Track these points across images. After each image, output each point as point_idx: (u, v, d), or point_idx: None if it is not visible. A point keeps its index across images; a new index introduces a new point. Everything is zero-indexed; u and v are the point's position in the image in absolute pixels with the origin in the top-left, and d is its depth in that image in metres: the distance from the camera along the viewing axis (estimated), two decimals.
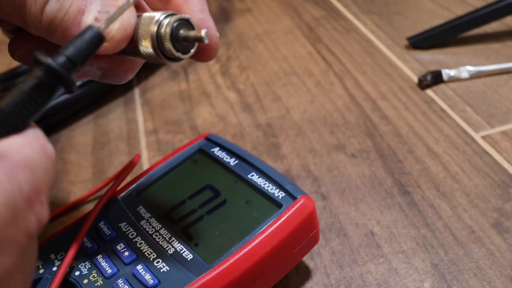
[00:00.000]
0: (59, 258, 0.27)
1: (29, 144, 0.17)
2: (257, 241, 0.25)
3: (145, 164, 0.40)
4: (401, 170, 0.36)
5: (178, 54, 0.22)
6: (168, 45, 0.22)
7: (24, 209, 0.16)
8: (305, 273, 0.30)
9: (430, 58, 0.48)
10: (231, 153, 0.31)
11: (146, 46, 0.22)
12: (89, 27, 0.19)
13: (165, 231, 0.27)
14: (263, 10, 0.61)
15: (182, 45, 0.22)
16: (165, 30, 0.21)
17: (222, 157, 0.31)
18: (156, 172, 0.31)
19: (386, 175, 0.36)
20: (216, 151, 0.31)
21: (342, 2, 0.60)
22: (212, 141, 0.32)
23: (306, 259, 0.31)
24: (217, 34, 0.25)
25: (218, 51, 0.26)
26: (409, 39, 0.50)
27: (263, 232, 0.25)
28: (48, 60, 0.18)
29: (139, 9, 0.24)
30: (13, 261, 0.15)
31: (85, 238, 0.28)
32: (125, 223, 0.28)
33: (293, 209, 0.26)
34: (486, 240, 0.31)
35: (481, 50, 0.48)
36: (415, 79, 0.46)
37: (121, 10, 0.21)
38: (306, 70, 0.49)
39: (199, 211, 0.28)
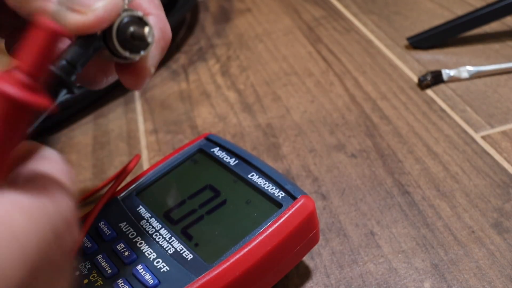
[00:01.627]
0: None
1: (57, 168, 0.17)
2: (257, 241, 0.25)
3: (145, 164, 0.40)
4: (401, 170, 0.36)
5: (126, 53, 0.21)
6: (115, 41, 0.21)
7: (64, 231, 0.16)
8: (305, 273, 0.30)
9: (430, 58, 0.48)
10: (231, 153, 0.31)
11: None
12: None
13: (165, 231, 0.27)
14: (263, 10, 0.61)
15: (132, 44, 0.21)
16: (113, 25, 0.20)
17: (222, 157, 0.31)
18: (156, 172, 0.31)
19: (386, 175, 0.36)
20: (216, 151, 0.31)
21: (342, 2, 0.60)
22: (212, 141, 0.32)
23: (306, 259, 0.31)
24: (170, 35, 0.24)
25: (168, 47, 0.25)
26: (409, 39, 0.50)
27: (263, 232, 0.25)
28: (49, 66, 0.19)
29: None
30: (50, 278, 0.16)
31: (85, 238, 0.28)
32: (125, 223, 0.28)
33: (293, 209, 0.26)
34: (486, 240, 0.31)
35: (481, 50, 0.48)
36: (415, 79, 0.46)
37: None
38: (306, 70, 0.49)
39: (199, 211, 0.28)
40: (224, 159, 0.31)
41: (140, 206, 0.29)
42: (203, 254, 0.26)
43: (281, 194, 0.27)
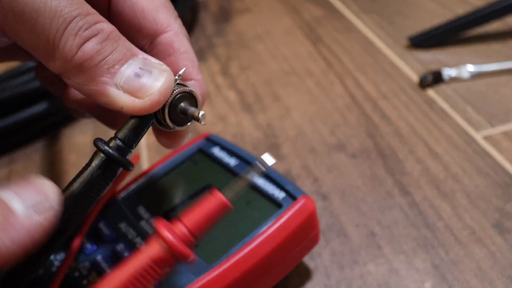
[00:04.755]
0: (58, 259, 0.27)
1: None
2: (257, 241, 0.25)
3: (145, 164, 0.40)
4: (401, 170, 0.36)
5: (173, 126, 0.22)
6: (166, 116, 0.22)
7: None
8: (305, 274, 0.30)
9: (431, 58, 0.48)
10: (231, 153, 0.31)
11: None
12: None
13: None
14: (263, 10, 0.61)
15: (179, 117, 0.22)
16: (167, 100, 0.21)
17: (222, 157, 0.31)
18: (156, 172, 0.31)
19: (386, 175, 0.36)
20: (216, 151, 0.31)
21: (342, 1, 0.60)
22: (212, 141, 0.32)
23: (307, 259, 0.31)
24: (206, 96, 0.26)
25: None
26: (410, 38, 0.50)
27: (263, 232, 0.25)
28: (106, 148, 0.20)
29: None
30: None
31: (84, 238, 0.28)
32: (124, 224, 0.28)
33: (293, 209, 0.26)
34: (487, 241, 0.31)
35: (482, 50, 0.48)
36: (416, 78, 0.46)
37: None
38: (306, 70, 0.49)
39: None
40: (224, 159, 0.30)
41: (140, 206, 0.29)
42: (203, 255, 0.25)
43: (281, 194, 0.27)
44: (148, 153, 0.41)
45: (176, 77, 0.22)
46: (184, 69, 0.23)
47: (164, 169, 0.31)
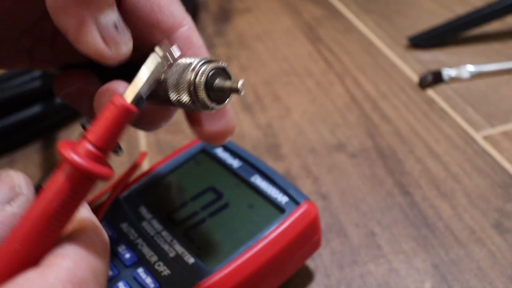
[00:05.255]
0: None
1: (92, 244, 0.18)
2: (259, 247, 0.25)
3: (145, 164, 0.40)
4: (401, 170, 0.36)
5: (212, 105, 0.21)
6: (202, 94, 0.20)
7: None
8: (305, 274, 0.30)
9: (431, 58, 0.48)
10: (235, 154, 0.30)
11: (179, 94, 0.21)
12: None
13: (167, 233, 0.27)
14: (263, 10, 0.61)
15: (216, 95, 0.21)
16: (200, 79, 0.20)
17: (225, 158, 0.30)
18: (158, 172, 0.31)
19: (386, 175, 0.36)
20: (219, 152, 0.31)
21: (342, 1, 0.60)
22: None
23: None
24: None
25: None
26: (410, 38, 0.50)
27: (265, 238, 0.25)
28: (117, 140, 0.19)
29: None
30: None
31: None
32: (126, 224, 0.28)
33: (296, 215, 0.26)
34: (487, 241, 0.31)
35: (482, 50, 0.48)
36: (416, 79, 0.46)
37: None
38: (306, 70, 0.49)
39: (201, 214, 0.28)
40: (227, 160, 0.30)
41: (142, 206, 0.29)
42: (204, 259, 0.25)
43: (284, 199, 0.27)
44: (149, 153, 0.41)
45: (174, 53, 0.21)
46: (175, 44, 0.21)
47: (166, 169, 0.31)
